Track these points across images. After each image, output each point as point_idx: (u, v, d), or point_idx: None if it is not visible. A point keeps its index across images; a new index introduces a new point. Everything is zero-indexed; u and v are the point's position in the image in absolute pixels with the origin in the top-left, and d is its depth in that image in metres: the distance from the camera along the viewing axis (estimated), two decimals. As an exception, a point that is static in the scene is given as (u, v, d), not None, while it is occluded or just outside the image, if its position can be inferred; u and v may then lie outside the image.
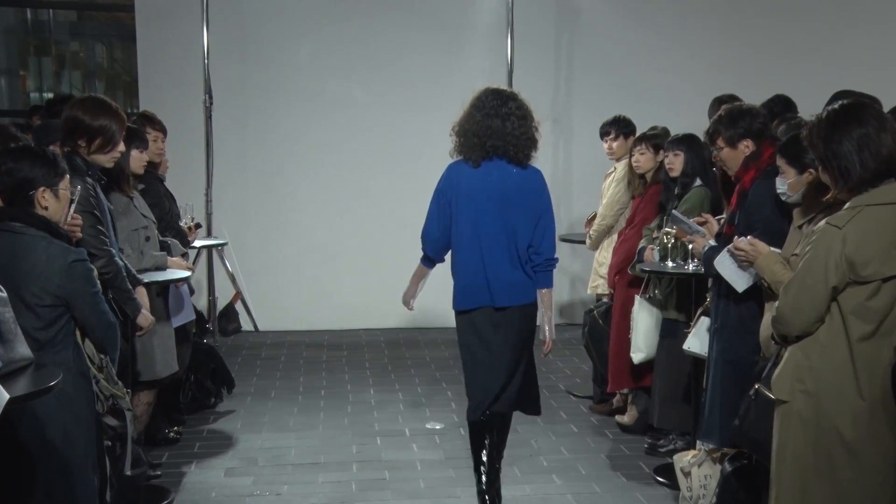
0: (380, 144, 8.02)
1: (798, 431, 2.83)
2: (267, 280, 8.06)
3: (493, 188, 3.91)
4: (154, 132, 5.12)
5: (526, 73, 7.91)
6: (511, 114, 3.91)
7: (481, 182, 3.92)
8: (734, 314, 3.79)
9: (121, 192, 4.41)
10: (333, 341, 7.72)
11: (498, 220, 3.93)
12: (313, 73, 7.98)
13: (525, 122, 3.93)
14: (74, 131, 3.80)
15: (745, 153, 3.83)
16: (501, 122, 3.90)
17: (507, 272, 3.92)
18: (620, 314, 5.21)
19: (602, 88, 8.02)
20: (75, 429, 3.24)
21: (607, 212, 5.66)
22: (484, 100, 3.93)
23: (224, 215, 7.95)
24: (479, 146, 3.91)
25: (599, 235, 5.74)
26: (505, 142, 3.90)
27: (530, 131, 3.94)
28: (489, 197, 3.92)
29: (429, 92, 8.02)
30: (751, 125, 3.84)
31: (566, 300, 8.34)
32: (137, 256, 4.42)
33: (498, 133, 3.89)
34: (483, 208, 3.93)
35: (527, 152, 3.95)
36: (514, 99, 3.96)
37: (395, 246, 8.03)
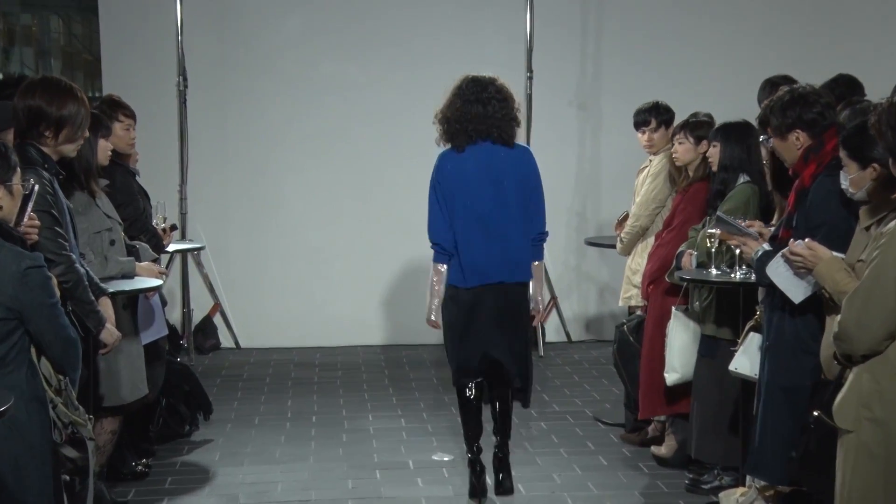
0: (380, 134, 8.01)
1: (866, 466, 2.80)
2: (250, 289, 8.06)
3: (483, 169, 4.63)
4: (126, 119, 5.13)
5: (547, 53, 7.91)
6: (491, 97, 4.62)
7: (471, 165, 4.64)
8: (790, 330, 3.77)
9: (84, 190, 4.41)
10: (326, 360, 7.71)
11: (492, 199, 4.63)
12: (304, 51, 7.98)
13: (506, 104, 4.64)
14: (38, 122, 3.83)
15: (796, 145, 3.80)
16: (483, 107, 4.61)
17: (504, 249, 4.63)
18: (654, 329, 5.20)
19: (635, 70, 8.00)
20: (28, 461, 3.23)
21: (641, 212, 5.66)
22: (464, 87, 4.67)
23: (200, 215, 7.95)
24: (462, 131, 4.64)
25: (632, 239, 5.73)
26: (488, 125, 4.61)
27: (512, 112, 4.65)
28: (481, 178, 4.63)
29: (436, 75, 7.87)
30: (803, 114, 3.81)
31: (593, 313, 8.32)
32: (101, 262, 4.42)
33: (480, 117, 4.61)
34: (476, 189, 4.64)
35: (510, 132, 4.64)
36: (493, 83, 4.66)
37: (398, 251, 8.03)
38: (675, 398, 5.16)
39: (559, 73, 8.07)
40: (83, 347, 3.69)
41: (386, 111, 7.97)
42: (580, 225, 8.14)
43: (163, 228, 5.28)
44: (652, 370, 5.18)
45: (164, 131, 7.76)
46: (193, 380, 5.86)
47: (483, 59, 7.96)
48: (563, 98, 8.08)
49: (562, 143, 8.13)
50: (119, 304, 4.37)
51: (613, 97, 8.02)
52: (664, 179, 5.54)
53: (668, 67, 7.98)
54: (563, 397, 6.67)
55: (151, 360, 4.84)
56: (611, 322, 7.98)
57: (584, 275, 8.26)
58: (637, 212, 5.68)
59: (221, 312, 8.03)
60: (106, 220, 4.49)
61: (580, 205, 8.18)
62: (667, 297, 5.15)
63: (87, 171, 4.40)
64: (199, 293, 7.98)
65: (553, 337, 8.18)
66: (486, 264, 4.64)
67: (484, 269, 4.64)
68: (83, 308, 3.82)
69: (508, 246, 4.64)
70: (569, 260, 8.24)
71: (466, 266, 4.63)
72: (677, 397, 5.15)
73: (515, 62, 7.89)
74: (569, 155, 8.14)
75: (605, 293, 8.14)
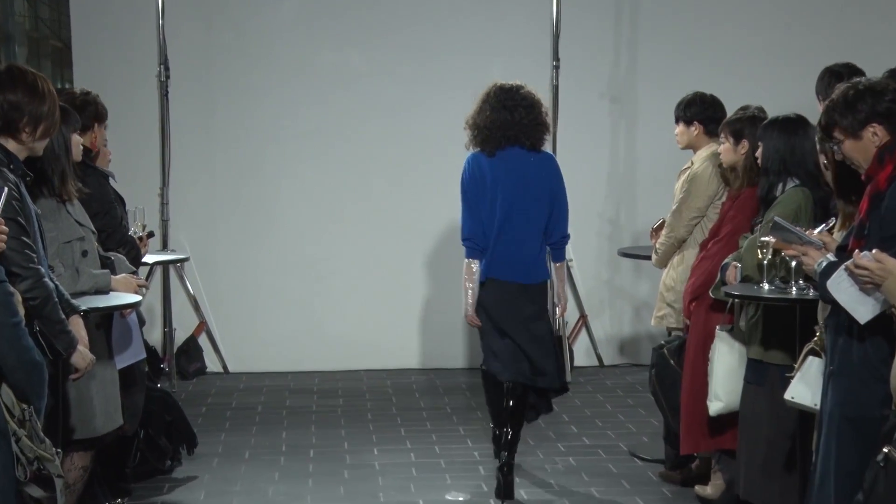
0: (387, 132, 8.01)
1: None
2: (240, 306, 8.06)
3: (510, 174, 5.38)
4: None
5: (576, 40, 7.92)
6: (518, 104, 5.37)
7: (499, 169, 5.39)
8: (857, 354, 3.73)
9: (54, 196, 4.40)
10: (326, 386, 7.70)
11: (515, 202, 5.40)
12: (301, 38, 8.00)
13: (533, 110, 5.39)
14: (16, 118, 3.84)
15: (873, 142, 3.75)
16: (509, 114, 5.37)
17: (527, 251, 5.43)
18: (697, 352, 5.18)
19: (675, 58, 7.99)
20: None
21: (676, 221, 5.65)
22: (492, 95, 5.42)
23: (184, 222, 7.96)
24: (491, 137, 5.38)
25: (667, 251, 5.73)
26: (516, 131, 5.37)
27: (539, 118, 5.42)
28: (507, 182, 5.38)
29: (450, 65, 8.02)
30: (875, 105, 3.77)
31: (628, 333, 8.30)
32: (72, 276, 4.41)
33: (507, 124, 5.37)
34: (502, 193, 5.39)
35: (538, 137, 5.44)
36: (520, 90, 5.43)
37: (407, 262, 8.03)
38: (721, 431, 5.13)
39: (589, 62, 8.07)
40: (50, 372, 3.69)
41: (393, 105, 7.98)
42: (613, 234, 8.12)
43: (139, 236, 5.28)
44: (694, 399, 5.15)
45: (142, 127, 7.78)
46: (176, 409, 5.85)
47: (503, 46, 7.99)
48: (593, 90, 8.07)
49: (592, 140, 8.11)
50: (92, 323, 4.36)
51: (650, 89, 8.01)
52: (704, 184, 5.54)
53: (713, 55, 7.97)
54: (595, 429, 6.64)
55: (128, 387, 4.82)
56: (648, 343, 7.91)
57: (618, 290, 8.24)
58: (672, 221, 5.68)
59: (208, 332, 8.04)
60: (77, 228, 4.48)
61: (613, 210, 8.16)
62: (711, 316, 5.13)
63: (62, 174, 4.41)
64: (182, 310, 7.98)
65: (583, 360, 8.15)
66: (506, 264, 5.42)
67: (504, 268, 5.42)
68: (52, 328, 3.81)
69: (526, 249, 5.44)
70: (600, 273, 8.21)
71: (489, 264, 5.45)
72: (723, 430, 5.12)
73: (540, 50, 7.90)
74: (600, 154, 8.13)
75: (642, 311, 8.10)
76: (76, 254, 4.45)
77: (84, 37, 7.85)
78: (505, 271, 5.42)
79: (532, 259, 5.44)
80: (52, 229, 4.35)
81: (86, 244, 4.50)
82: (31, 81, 3.85)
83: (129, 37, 7.82)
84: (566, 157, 7.89)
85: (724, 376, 4.88)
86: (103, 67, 7.68)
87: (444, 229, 7.95)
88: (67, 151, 4.47)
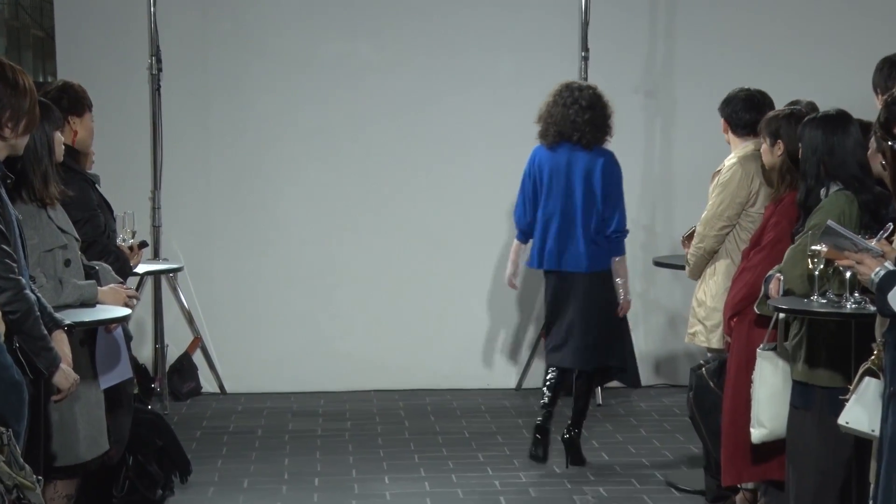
0: (399, 131, 8.02)
1: None
2: (238, 321, 8.07)
3: (561, 167, 6.29)
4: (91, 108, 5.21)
5: (606, 29, 7.93)
6: (575, 102, 6.23)
7: (554, 162, 6.32)
8: (921, 374, 3.71)
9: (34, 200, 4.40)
10: (332, 408, 7.71)
11: (564, 195, 6.27)
12: (305, 27, 8.00)
13: (591, 111, 6.25)
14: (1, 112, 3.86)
15: (936, 141, 3.74)
16: (566, 111, 6.24)
17: (569, 242, 6.25)
18: (738, 373, 5.17)
19: (716, 48, 7.98)
20: (-38, 535, 3.22)
21: (706, 230, 5.66)
22: (557, 92, 6.32)
23: (177, 228, 7.98)
24: (548, 132, 6.33)
25: (698, 262, 5.75)
26: (569, 128, 6.24)
27: (598, 119, 6.27)
28: (559, 175, 6.28)
29: (468, 57, 8.05)
30: (940, 100, 3.77)
31: (664, 351, 8.29)
32: (55, 287, 4.42)
33: (563, 120, 6.25)
34: (553, 185, 6.29)
35: (592, 136, 6.27)
36: (581, 90, 6.31)
37: (422, 273, 8.04)
38: (767, 459, 5.11)
39: (621, 54, 8.08)
40: (31, 393, 3.70)
41: (406, 102, 7.99)
42: (648, 241, 8.11)
43: (129, 246, 5.27)
44: (736, 425, 5.14)
45: (132, 125, 7.80)
46: (167, 433, 5.83)
47: (527, 37, 8.00)
48: (625, 84, 8.04)
49: (624, 139, 7.98)
50: (76, 340, 4.36)
51: (689, 82, 8.01)
52: (732, 191, 5.54)
53: (760, 44, 7.96)
54: (628, 456, 6.63)
55: (114, 409, 4.82)
56: (686, 362, 7.90)
57: (653, 303, 8.23)
58: (701, 230, 5.69)
59: (203, 349, 8.04)
60: (60, 235, 4.48)
61: (647, 216, 8.15)
62: (754, 333, 5.11)
63: (45, 176, 4.40)
64: (174, 325, 7.99)
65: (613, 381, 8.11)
66: (553, 253, 6.28)
67: (551, 257, 6.29)
68: (33, 345, 3.81)
69: (573, 240, 6.24)
70: (634, 284, 8.12)
71: (539, 252, 6.36)
72: (769, 458, 5.10)
73: (567, 40, 7.93)
74: (633, 154, 8.06)
75: (680, 326, 8.05)
76: (59, 263, 4.45)
77: (68, 26, 7.88)
78: (557, 261, 6.26)
79: (582, 250, 6.22)
80: (33, 236, 4.34)
81: (69, 252, 4.50)
82: (10, 75, 3.86)
83: (118, 26, 7.84)
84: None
85: (767, 400, 4.85)
86: (89, 59, 7.71)
87: (462, 237, 7.99)
88: (50, 151, 4.47)
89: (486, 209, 7.99)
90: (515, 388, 8.08)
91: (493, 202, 7.95)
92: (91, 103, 5.27)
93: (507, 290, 7.97)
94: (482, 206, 7.99)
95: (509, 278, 6.65)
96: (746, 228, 5.52)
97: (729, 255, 5.57)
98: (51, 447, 4.38)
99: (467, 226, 8.02)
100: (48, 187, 4.42)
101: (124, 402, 5.04)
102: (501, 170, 7.92)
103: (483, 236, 8.00)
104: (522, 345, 8.14)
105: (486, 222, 7.99)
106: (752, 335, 5.12)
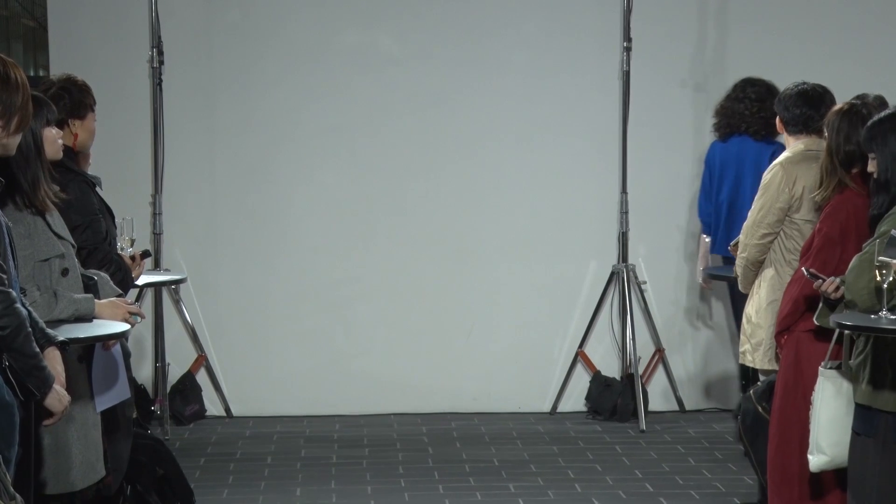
0: (423, 129, 8.02)
1: None
2: (246, 337, 8.08)
3: (731, 158, 7.29)
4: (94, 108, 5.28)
5: (651, 16, 7.90)
6: (746, 97, 7.18)
7: (727, 155, 7.31)
8: None
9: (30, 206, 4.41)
10: (349, 433, 7.71)
11: (733, 187, 7.23)
12: (320, 16, 8.00)
13: (763, 104, 7.04)
14: None
15: None
16: (736, 104, 7.21)
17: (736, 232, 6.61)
18: (786, 394, 5.16)
19: (772, 37, 7.96)
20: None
21: (747, 239, 5.67)
22: (734, 86, 7.31)
23: (180, 236, 7.99)
24: (720, 124, 7.37)
25: (745, 274, 5.75)
26: (738, 120, 7.22)
27: (766, 112, 6.88)
28: (728, 166, 7.29)
29: (498, 47, 8.02)
30: None
31: (715, 371, 8.26)
32: (48, 300, 4.42)
33: (733, 113, 7.23)
34: (728, 178, 7.27)
35: (758, 128, 7.15)
36: (754, 85, 7.19)
37: (448, 285, 8.03)
38: (826, 492, 5.08)
39: (667, 44, 8.05)
40: (21, 416, 3.69)
41: (431, 96, 7.99)
42: (697, 251, 8.08)
43: (131, 255, 5.28)
44: (782, 451, 5.14)
45: (131, 123, 7.81)
46: (169, 460, 5.81)
47: (563, 24, 7.96)
48: (672, 77, 8.07)
49: (670, 136, 8.10)
50: (71, 358, 4.35)
51: (743, 76, 7.85)
52: (772, 195, 5.54)
53: (821, 32, 7.95)
54: (674, 487, 6.62)
55: (112, 433, 4.82)
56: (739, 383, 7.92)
57: (703, 319, 8.22)
58: (743, 239, 5.70)
59: (207, 368, 8.05)
60: (57, 243, 4.48)
61: (696, 223, 8.10)
62: (804, 351, 5.10)
63: (34, 180, 4.41)
64: (177, 342, 7.99)
65: (659, 404, 8.15)
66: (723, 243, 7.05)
67: (722, 246, 7.13)
68: (24, 363, 3.79)
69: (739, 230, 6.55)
70: (679, 297, 8.20)
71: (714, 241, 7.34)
72: (828, 491, 5.07)
73: (607, 29, 7.93)
74: (681, 154, 8.09)
75: (733, 343, 8.06)
76: (55, 273, 4.45)
77: (62, 15, 7.86)
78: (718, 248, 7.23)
79: None
80: (28, 246, 4.36)
81: (66, 262, 4.49)
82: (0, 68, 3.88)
83: (116, 15, 7.84)
84: (639, 156, 7.98)
85: (828, 424, 4.78)
86: (85, 51, 7.71)
87: (492, 245, 8.00)
88: (38, 151, 4.46)
89: (518, 213, 7.98)
90: (550, 412, 8.05)
91: (525, 206, 7.97)
92: (94, 101, 5.31)
93: (540, 302, 8.02)
94: (513, 211, 7.99)
95: (701, 275, 7.38)
96: (792, 237, 5.53)
97: (774, 266, 5.57)
98: (42, 473, 4.36)
99: (497, 232, 8.00)
100: (38, 191, 4.41)
101: (122, 426, 5.02)
102: (534, 171, 7.96)
103: (514, 243, 7.99)
104: (557, 363, 8.08)
105: (517, 228, 7.99)
106: (801, 352, 5.11)
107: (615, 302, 8.06)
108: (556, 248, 8.06)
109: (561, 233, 8.05)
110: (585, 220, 8.08)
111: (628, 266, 7.97)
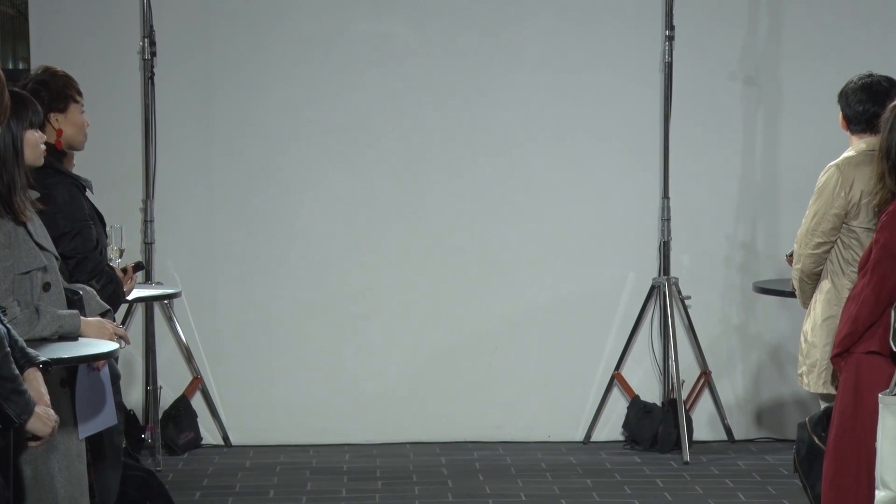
0: (443, 127, 8.04)
1: None
2: (246, 358, 8.10)
3: None
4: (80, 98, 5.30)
5: (694, 2, 7.93)
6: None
7: None
8: None
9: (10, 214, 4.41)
10: (359, 464, 7.71)
11: None
12: (328, 4, 8.02)
13: None
14: None
15: None
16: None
17: None
18: (844, 421, 5.16)
19: (832, 25, 7.97)
20: None
21: (801, 249, 5.66)
22: None
23: (174, 246, 8.02)
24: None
25: (800, 288, 5.75)
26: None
27: None
28: None
29: (529, 37, 8.05)
30: None
31: (768, 397, 8.24)
32: (30, 317, 4.43)
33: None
34: None
35: None
36: None
37: (467, 301, 8.05)
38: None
39: (714, 31, 8.07)
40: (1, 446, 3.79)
41: (452, 91, 8.02)
42: (747, 262, 8.11)
43: (122, 268, 5.30)
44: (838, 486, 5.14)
45: (120, 120, 7.85)
46: (160, 493, 5.81)
47: (599, 12, 7.94)
48: (719, 69, 8.08)
49: (718, 135, 8.09)
50: (54, 380, 4.35)
51: (799, 67, 8.00)
52: (826, 200, 5.53)
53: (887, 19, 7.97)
54: (722, 525, 6.67)
55: (98, 463, 4.83)
56: (796, 412, 7.91)
57: (754, 339, 8.21)
58: (797, 249, 5.70)
59: (203, 392, 8.07)
60: (39, 254, 4.48)
61: (747, 231, 8.13)
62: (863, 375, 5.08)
63: (11, 185, 4.41)
64: (169, 362, 8.02)
65: (705, 433, 8.15)
66: None
67: None
68: (2, 387, 3.81)
69: None
70: (730, 315, 8.20)
71: None
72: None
73: (648, 16, 7.97)
74: (729, 154, 8.10)
75: (787, 366, 8.04)
76: (36, 287, 4.45)
77: (44, 2, 7.89)
78: None
79: None
80: (7, 256, 4.37)
81: (49, 275, 4.50)
82: None
83: (103, 2, 7.89)
84: (682, 157, 7.96)
85: (891, 458, 4.79)
86: (69, 42, 7.76)
87: (518, 255, 8.01)
88: (17, 154, 4.47)
89: (548, 221, 8.00)
90: (583, 441, 8.07)
91: (556, 212, 7.98)
92: (79, 92, 5.32)
93: (572, 319, 8.00)
94: (543, 218, 8.00)
95: None
96: (850, 246, 5.51)
97: (830, 278, 5.57)
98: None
99: (524, 241, 8.01)
100: (13, 196, 4.40)
101: (109, 456, 5.02)
102: (566, 173, 7.98)
103: (543, 254, 8.00)
104: (591, 387, 8.09)
105: (547, 237, 8.00)
106: (861, 376, 5.06)
107: (655, 319, 8.08)
108: (589, 258, 8.05)
109: (595, 242, 8.06)
110: (623, 228, 8.08)
111: (670, 279, 7.94)
